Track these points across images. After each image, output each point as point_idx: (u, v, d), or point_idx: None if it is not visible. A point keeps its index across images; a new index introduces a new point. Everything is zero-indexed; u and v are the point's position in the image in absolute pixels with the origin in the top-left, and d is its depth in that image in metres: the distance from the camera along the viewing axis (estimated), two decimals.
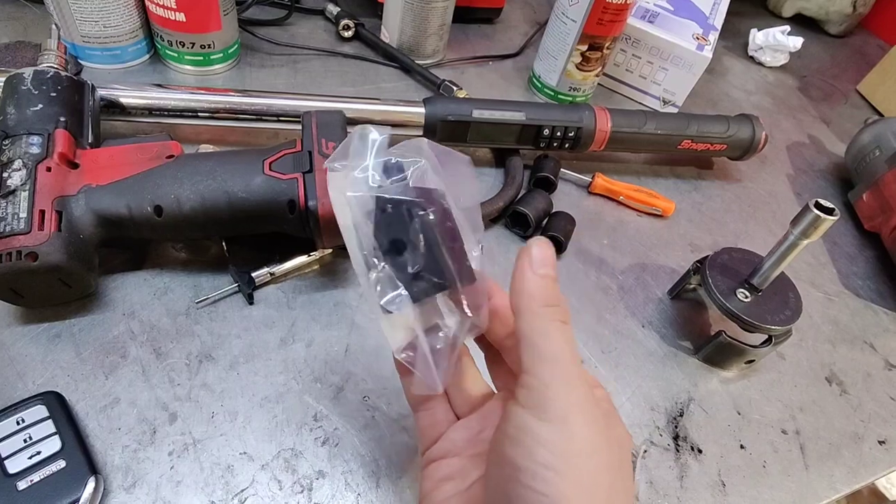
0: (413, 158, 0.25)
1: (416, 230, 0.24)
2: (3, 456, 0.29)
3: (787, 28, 0.79)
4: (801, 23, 0.92)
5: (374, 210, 0.24)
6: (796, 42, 0.78)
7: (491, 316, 0.26)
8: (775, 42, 0.78)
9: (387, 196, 0.24)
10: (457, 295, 0.24)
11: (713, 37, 0.63)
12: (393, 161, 0.25)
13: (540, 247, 0.23)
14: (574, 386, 0.21)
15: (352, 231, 0.24)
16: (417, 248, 0.24)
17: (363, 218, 0.24)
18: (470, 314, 0.24)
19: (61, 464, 0.29)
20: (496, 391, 0.29)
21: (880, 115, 0.76)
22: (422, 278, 0.24)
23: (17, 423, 0.30)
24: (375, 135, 0.25)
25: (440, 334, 0.24)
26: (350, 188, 0.24)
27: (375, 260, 0.24)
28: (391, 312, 0.23)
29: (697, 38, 0.62)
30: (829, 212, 0.35)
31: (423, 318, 0.24)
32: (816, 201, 0.35)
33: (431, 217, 0.24)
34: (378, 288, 0.23)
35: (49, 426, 0.30)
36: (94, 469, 0.30)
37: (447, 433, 0.27)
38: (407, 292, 0.23)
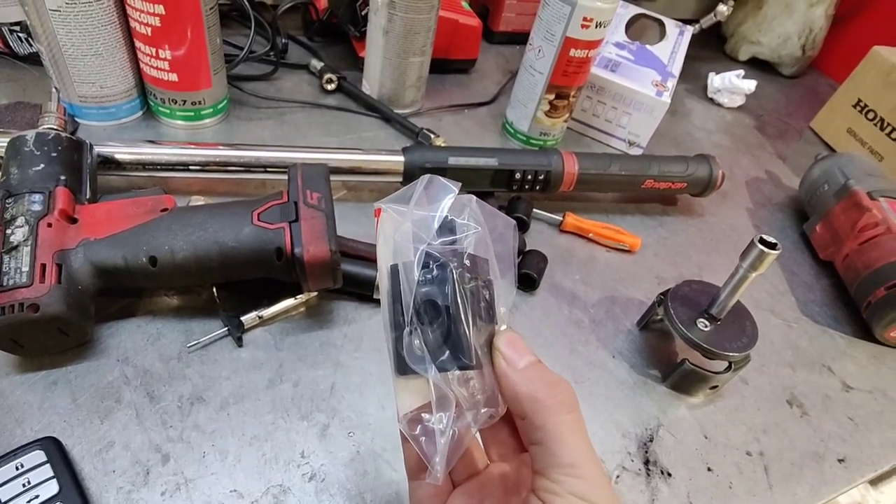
0: (468, 222, 0.25)
1: (458, 300, 0.23)
2: (3, 500, 0.30)
3: (742, 72, 0.85)
4: (757, 66, 0.99)
5: (420, 266, 0.23)
6: (750, 85, 0.84)
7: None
8: (731, 85, 0.84)
9: (438, 255, 0.23)
10: (480, 378, 0.24)
11: (671, 83, 0.68)
12: (448, 219, 0.24)
13: (507, 341, 0.24)
14: (598, 487, 0.22)
15: (390, 281, 0.24)
16: (454, 318, 0.23)
17: (411, 271, 0.23)
18: (492, 403, 0.24)
19: None
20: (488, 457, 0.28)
21: (832, 150, 0.82)
22: (450, 350, 0.23)
23: (17, 469, 0.31)
24: (452, 190, 0.24)
25: (455, 418, 0.23)
26: (410, 238, 0.24)
27: (410, 317, 0.23)
28: (410, 374, 0.23)
29: (657, 85, 0.67)
30: (773, 246, 0.38)
31: (440, 390, 0.23)
32: (761, 237, 0.39)
33: (474, 291, 0.24)
34: (406, 346, 0.23)
35: (47, 470, 0.32)
36: None
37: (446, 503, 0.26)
38: (432, 359, 0.23)
